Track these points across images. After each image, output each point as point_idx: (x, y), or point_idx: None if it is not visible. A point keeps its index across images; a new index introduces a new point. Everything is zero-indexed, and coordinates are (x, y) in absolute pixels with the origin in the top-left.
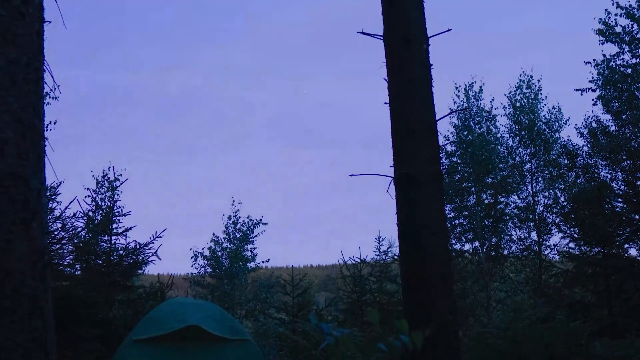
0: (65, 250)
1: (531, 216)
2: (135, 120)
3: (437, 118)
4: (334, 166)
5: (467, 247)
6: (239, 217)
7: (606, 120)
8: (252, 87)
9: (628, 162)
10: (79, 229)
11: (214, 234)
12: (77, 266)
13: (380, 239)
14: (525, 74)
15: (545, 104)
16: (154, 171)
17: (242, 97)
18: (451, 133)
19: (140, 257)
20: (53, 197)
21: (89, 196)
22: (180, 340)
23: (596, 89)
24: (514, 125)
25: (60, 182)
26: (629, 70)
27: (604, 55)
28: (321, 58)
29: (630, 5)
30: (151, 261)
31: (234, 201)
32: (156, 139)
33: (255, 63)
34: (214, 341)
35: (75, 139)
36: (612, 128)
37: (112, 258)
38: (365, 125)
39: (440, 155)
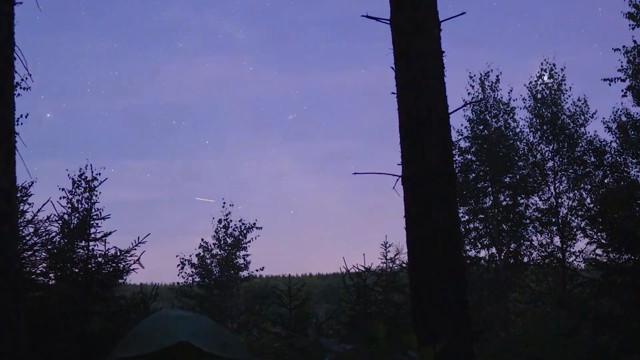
0: (38, 258)
1: (554, 220)
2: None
3: (449, 111)
4: (336, 165)
5: (483, 253)
6: (231, 220)
7: (637, 114)
8: (246, 83)
9: None
10: (54, 234)
11: (202, 240)
12: (51, 275)
13: (387, 245)
14: (547, 62)
15: (569, 96)
16: (138, 172)
17: (236, 93)
18: (465, 127)
19: (121, 265)
20: (25, 198)
21: (64, 197)
22: (170, 359)
23: (626, 78)
24: (534, 119)
25: (33, 182)
26: None
27: (635, 42)
28: (321, 49)
29: None
30: (133, 269)
31: (224, 203)
32: (139, 139)
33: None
34: (207, 359)
35: (50, 135)
36: None
37: (90, 266)
38: (369, 119)
39: (453, 152)
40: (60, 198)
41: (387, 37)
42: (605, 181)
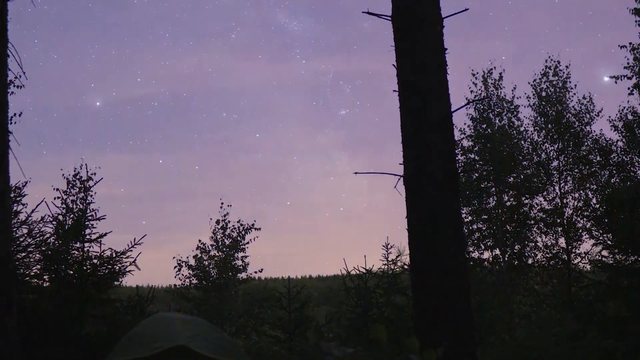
0: (32, 259)
1: (559, 220)
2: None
3: (452, 109)
4: (336, 164)
5: (486, 255)
6: (229, 221)
7: None
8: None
9: None
10: (48, 235)
11: (200, 241)
12: (45, 277)
13: (389, 246)
14: (552, 60)
15: (574, 94)
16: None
17: (231, 87)
18: (468, 126)
19: (117, 267)
20: (18, 198)
21: (58, 197)
22: None
23: (632, 76)
24: (539, 118)
25: (27, 182)
26: None
27: None
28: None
29: None
30: (129, 271)
31: (222, 203)
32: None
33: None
34: None
35: (44, 132)
36: None
37: (84, 268)
38: (371, 117)
39: (456, 151)
40: (55, 198)
41: (388, 34)
42: (612, 181)
